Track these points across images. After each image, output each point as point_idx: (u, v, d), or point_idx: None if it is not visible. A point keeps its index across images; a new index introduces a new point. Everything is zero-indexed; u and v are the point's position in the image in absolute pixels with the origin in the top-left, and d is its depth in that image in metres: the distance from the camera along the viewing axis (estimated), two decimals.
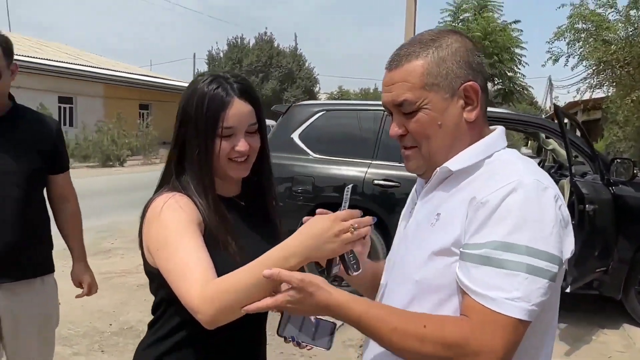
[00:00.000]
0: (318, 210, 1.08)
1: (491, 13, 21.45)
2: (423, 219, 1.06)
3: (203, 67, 33.50)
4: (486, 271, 0.88)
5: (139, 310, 4.37)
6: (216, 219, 1.20)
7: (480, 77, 1.04)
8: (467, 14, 21.72)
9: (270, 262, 1.00)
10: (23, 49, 21.22)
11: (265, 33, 33.12)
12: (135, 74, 26.31)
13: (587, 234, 4.00)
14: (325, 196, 4.86)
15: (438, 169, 1.03)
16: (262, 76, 31.63)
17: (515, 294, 0.86)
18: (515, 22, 21.89)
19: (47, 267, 2.15)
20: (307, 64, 34.02)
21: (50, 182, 2.18)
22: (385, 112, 1.08)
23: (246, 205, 1.35)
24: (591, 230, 4.02)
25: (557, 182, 5.41)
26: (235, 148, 1.22)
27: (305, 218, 1.08)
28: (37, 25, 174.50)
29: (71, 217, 2.27)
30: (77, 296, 2.30)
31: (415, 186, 1.21)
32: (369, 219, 1.07)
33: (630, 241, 4.32)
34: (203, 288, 1.02)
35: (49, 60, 21.33)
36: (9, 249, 1.95)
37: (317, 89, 34.51)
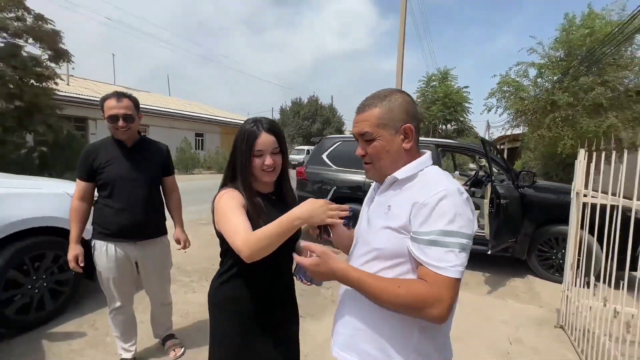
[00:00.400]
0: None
1: (450, 81, 20.92)
2: (380, 207, 1.02)
3: (277, 116, 33.83)
4: (435, 250, 0.85)
5: None
6: (252, 207, 1.19)
7: (415, 120, 0.99)
8: (434, 82, 21.28)
9: (285, 222, 1.01)
10: (175, 105, 21.97)
11: (314, 95, 33.19)
12: (239, 120, 26.73)
13: (503, 218, 3.81)
14: (341, 191, 4.81)
15: (389, 177, 0.99)
16: (311, 121, 31.70)
17: (454, 262, 0.84)
18: (465, 87, 21.32)
19: (163, 231, 2.14)
20: (338, 113, 33.70)
21: (163, 182, 2.16)
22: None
23: (275, 198, 1.32)
24: (505, 215, 3.82)
25: (485, 185, 5.21)
26: (264, 163, 1.21)
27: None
28: (185, 91, 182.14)
29: (175, 202, 2.23)
30: (178, 249, 2.25)
31: (373, 186, 1.17)
32: (345, 206, 1.06)
33: (531, 223, 4.08)
34: (246, 237, 1.03)
35: (191, 112, 21.82)
36: (140, 220, 1.97)
37: (344, 128, 34.15)
